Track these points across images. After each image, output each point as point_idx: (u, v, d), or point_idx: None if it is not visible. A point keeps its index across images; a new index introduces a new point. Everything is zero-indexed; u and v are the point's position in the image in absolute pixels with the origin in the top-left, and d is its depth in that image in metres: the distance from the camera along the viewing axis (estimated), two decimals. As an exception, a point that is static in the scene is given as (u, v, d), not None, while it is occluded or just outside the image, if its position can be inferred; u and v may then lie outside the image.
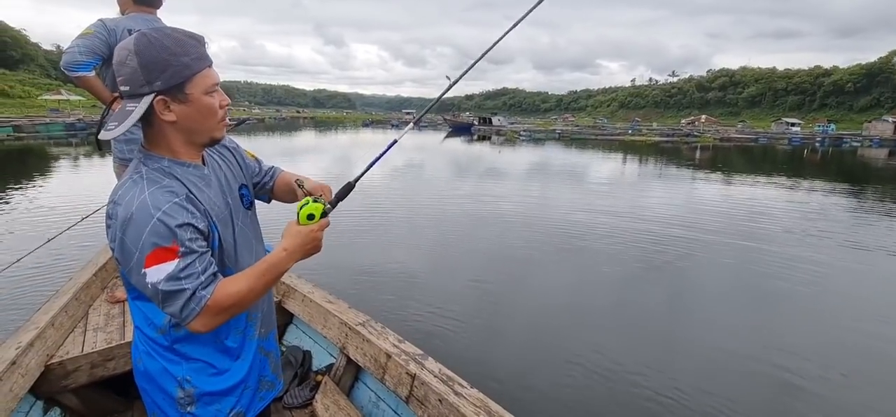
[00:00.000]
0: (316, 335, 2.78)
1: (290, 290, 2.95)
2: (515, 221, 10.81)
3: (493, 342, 5.02)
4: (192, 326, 1.06)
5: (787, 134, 62.76)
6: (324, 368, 2.62)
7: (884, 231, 11.45)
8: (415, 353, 2.12)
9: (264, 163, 1.52)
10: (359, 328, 2.36)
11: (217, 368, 1.24)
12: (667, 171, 24.21)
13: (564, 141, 48.84)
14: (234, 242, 1.25)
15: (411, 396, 1.93)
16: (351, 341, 2.38)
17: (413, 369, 1.98)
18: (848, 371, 4.77)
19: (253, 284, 1.12)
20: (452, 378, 1.92)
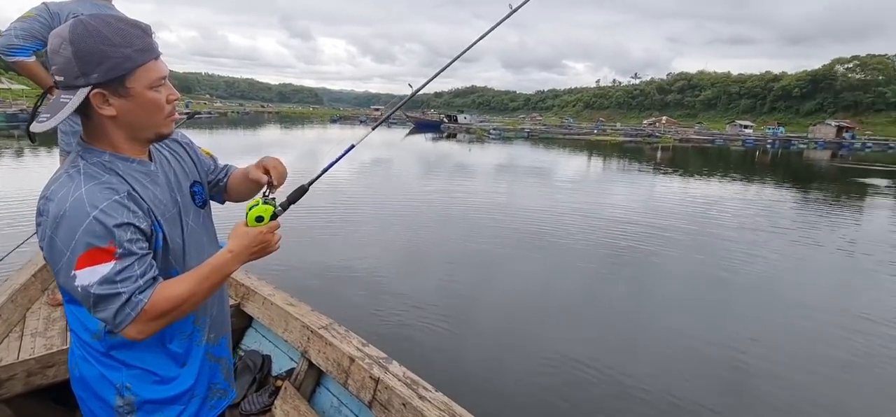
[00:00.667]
0: (276, 339, 2.67)
1: (250, 293, 2.83)
2: (485, 219, 10.86)
3: (461, 343, 4.98)
4: (127, 333, 0.99)
5: (741, 136, 66.06)
6: (284, 373, 2.52)
7: (826, 227, 12.19)
8: (379, 357, 2.07)
9: (220, 162, 1.45)
10: (321, 331, 2.28)
11: (160, 375, 1.16)
12: (631, 170, 24.99)
13: (533, 140, 49.60)
14: (183, 243, 1.17)
15: (374, 400, 1.89)
16: (313, 345, 2.30)
17: (377, 373, 1.93)
18: (794, 355, 5.03)
19: (195, 288, 1.05)
20: (417, 381, 1.89)
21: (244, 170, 1.37)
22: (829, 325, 5.91)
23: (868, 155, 45.34)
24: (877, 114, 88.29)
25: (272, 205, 1.15)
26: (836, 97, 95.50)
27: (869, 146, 56.41)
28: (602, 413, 3.94)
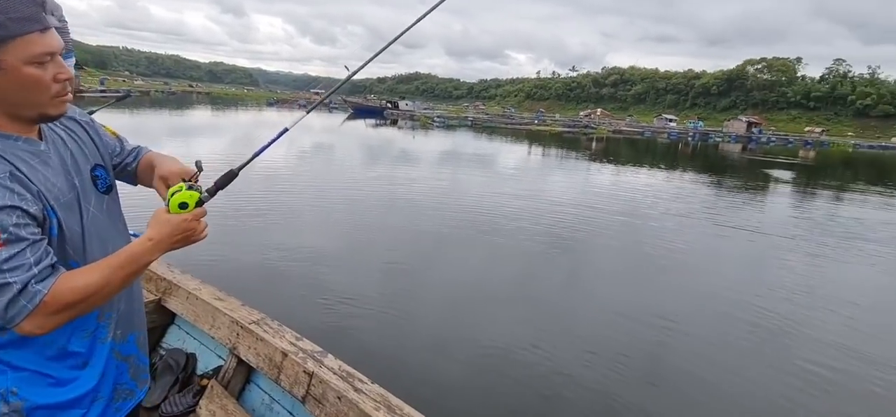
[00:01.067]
0: (202, 335, 2.50)
1: (173, 287, 2.62)
2: (429, 206, 10.87)
3: (402, 332, 4.95)
4: (23, 327, 0.88)
5: (667, 129, 71.10)
6: (210, 371, 2.37)
7: (737, 212, 13.46)
8: (313, 350, 2.00)
9: (128, 143, 1.31)
10: (252, 326, 2.16)
11: (55, 377, 1.04)
12: (569, 159, 26.07)
13: (476, 128, 50.25)
14: (82, 231, 1.04)
15: (308, 395, 1.82)
16: (242, 341, 2.17)
17: (311, 367, 1.86)
18: (711, 327, 5.52)
19: (108, 277, 0.95)
20: (353, 374, 1.84)
21: (155, 164, 1.24)
22: (739, 299, 6.52)
23: (772, 148, 50.49)
24: (780, 112, 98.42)
25: (198, 191, 1.07)
26: (747, 95, 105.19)
27: (773, 140, 62.91)
28: (540, 391, 4.10)
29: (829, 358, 4.95)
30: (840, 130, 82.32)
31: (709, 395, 4.29)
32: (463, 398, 3.93)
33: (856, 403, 4.29)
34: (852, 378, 4.66)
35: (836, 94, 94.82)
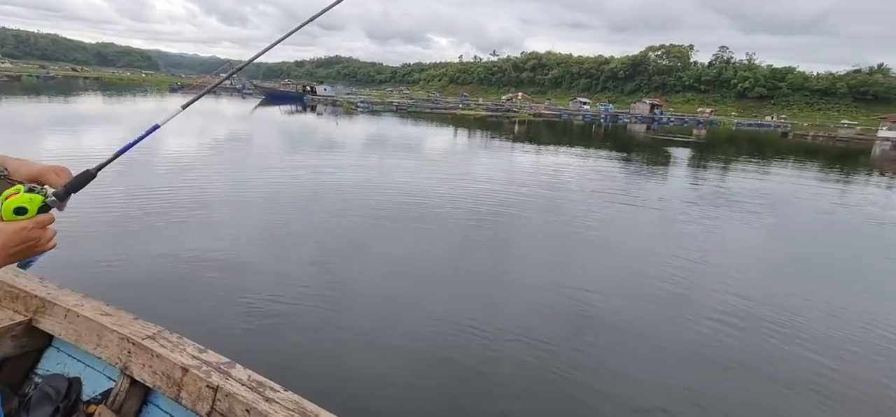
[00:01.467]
0: (87, 357, 2.19)
1: (47, 305, 2.25)
2: (354, 194, 10.56)
3: (326, 331, 4.73)
4: None
5: (581, 111, 75.47)
6: (98, 396, 2.08)
7: (644, 185, 14.70)
8: (219, 362, 1.82)
9: None
10: (147, 342, 1.92)
11: None
12: (493, 142, 26.73)
13: (401, 113, 49.72)
14: None
15: (213, 411, 1.67)
16: (135, 359, 1.93)
17: (216, 380, 1.70)
18: (625, 292, 5.97)
19: None
20: (263, 383, 1.71)
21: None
22: (648, 265, 7.14)
23: (671, 128, 55.69)
24: (677, 95, 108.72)
25: (42, 194, 0.91)
26: (649, 79, 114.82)
27: (672, 120, 69.43)
28: (474, 374, 4.16)
29: (724, 311, 5.57)
30: (725, 110, 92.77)
31: (627, 355, 4.62)
32: (395, 391, 3.87)
33: (747, 342, 4.87)
34: (742, 321, 5.30)
35: (721, 78, 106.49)
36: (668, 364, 4.52)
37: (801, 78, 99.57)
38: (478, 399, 3.82)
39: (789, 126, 68.61)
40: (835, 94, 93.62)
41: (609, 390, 4.02)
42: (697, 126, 62.05)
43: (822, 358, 4.70)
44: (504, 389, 3.98)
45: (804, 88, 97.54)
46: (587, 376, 4.21)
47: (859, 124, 71.73)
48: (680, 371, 4.45)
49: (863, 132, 59.85)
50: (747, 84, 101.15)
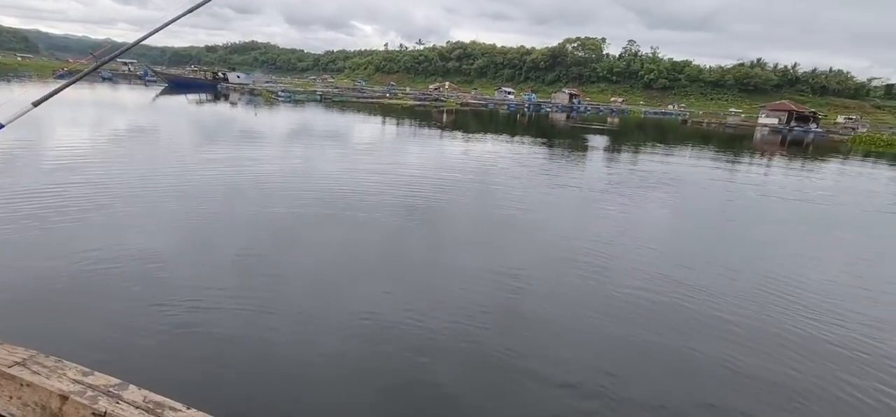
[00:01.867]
0: None
1: None
2: (279, 188, 10.06)
3: (248, 336, 4.42)
4: None
5: (506, 100, 77.80)
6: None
7: (568, 170, 15.60)
8: (109, 385, 1.66)
9: None
10: (14, 369, 1.67)
11: None
12: (422, 131, 26.73)
13: (326, 102, 47.99)
14: None
15: None
16: (1, 391, 1.69)
17: (103, 406, 1.55)
18: (554, 272, 6.32)
19: None
20: (162, 403, 1.58)
21: None
22: (572, 244, 7.63)
23: (588, 116, 59.32)
24: (592, 85, 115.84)
25: None
26: (567, 70, 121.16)
27: (589, 109, 73.96)
28: (411, 363, 4.18)
29: (640, 280, 6.12)
30: (634, 100, 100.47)
31: (556, 331, 4.92)
32: (326, 395, 3.77)
33: (663, 308, 5.39)
34: (657, 288, 5.85)
35: (630, 70, 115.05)
36: (594, 336, 4.89)
37: (696, 70, 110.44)
38: (417, 391, 3.85)
39: (688, 114, 76.02)
40: (724, 85, 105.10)
41: (541, 367, 4.25)
42: (611, 114, 66.66)
43: (728, 315, 5.36)
44: (442, 377, 4.04)
45: (699, 80, 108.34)
46: (521, 354, 4.41)
47: (743, 112, 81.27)
48: (604, 341, 4.83)
49: (746, 119, 67.95)
50: (652, 75, 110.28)
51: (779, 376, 4.30)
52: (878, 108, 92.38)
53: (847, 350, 4.81)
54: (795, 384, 4.19)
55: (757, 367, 4.40)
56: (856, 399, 4.03)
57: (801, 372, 4.37)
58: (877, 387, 4.20)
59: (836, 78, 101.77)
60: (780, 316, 5.45)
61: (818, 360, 4.60)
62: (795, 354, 4.65)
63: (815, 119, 60.78)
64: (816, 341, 4.97)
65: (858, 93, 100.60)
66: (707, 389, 4.12)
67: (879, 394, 4.11)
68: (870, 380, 4.30)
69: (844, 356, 4.70)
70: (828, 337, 5.05)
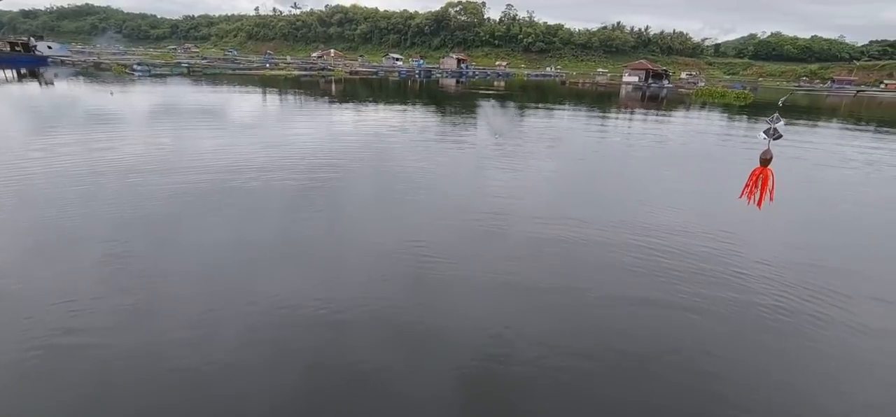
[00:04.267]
0: None
1: None
2: (149, 178, 8.74)
3: (126, 355, 3.93)
4: None
5: (396, 67, 76.55)
6: None
7: (464, 132, 15.94)
8: None
9: None
10: None
11: None
12: (310, 104, 25.12)
13: (195, 76, 42.55)
14: None
15: None
16: None
17: None
18: (455, 229, 6.49)
19: None
20: None
21: None
22: (471, 203, 7.87)
23: (476, 81, 61.02)
24: (477, 49, 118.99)
25: None
26: (452, 34, 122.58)
27: (477, 74, 76.00)
28: (319, 354, 4.01)
29: (534, 232, 6.57)
30: (516, 63, 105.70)
31: (458, 292, 5.10)
32: (230, 392, 3.48)
33: (559, 255, 5.87)
34: (552, 237, 6.34)
35: (510, 34, 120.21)
36: (496, 290, 5.18)
37: (567, 34, 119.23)
38: (330, 371, 3.77)
39: (565, 75, 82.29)
40: (591, 47, 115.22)
41: (450, 326, 4.44)
42: (498, 78, 69.42)
43: (610, 249, 6.01)
44: (355, 353, 4.00)
45: (571, 43, 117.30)
46: (430, 318, 4.56)
47: (609, 72, 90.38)
48: (506, 292, 5.15)
49: (612, 78, 75.66)
50: (530, 39, 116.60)
51: (651, 275, 4.97)
52: (709, 64, 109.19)
53: (679, 234, 5.74)
54: (662, 270, 4.90)
55: (635, 285, 5.04)
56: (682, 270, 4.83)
57: (665, 267, 5.11)
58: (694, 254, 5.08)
59: (679, 39, 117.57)
60: (645, 236, 6.31)
61: (671, 256, 5.42)
62: (656, 253, 5.42)
63: (666, 76, 69.87)
64: (666, 240, 5.84)
65: (695, 51, 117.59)
66: (592, 316, 4.69)
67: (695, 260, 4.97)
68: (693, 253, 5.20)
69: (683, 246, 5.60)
70: (673, 238, 5.96)
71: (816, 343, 4.45)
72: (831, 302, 5.11)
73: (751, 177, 2.02)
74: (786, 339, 4.49)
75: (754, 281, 5.53)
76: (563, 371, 3.88)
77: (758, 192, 2.00)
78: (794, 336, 4.55)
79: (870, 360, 4.24)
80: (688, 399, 3.67)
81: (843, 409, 3.66)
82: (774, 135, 1.99)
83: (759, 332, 4.59)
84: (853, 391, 3.86)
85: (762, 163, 2.05)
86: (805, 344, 4.43)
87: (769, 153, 2.02)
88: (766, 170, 2.05)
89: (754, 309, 4.97)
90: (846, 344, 4.44)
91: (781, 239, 7.16)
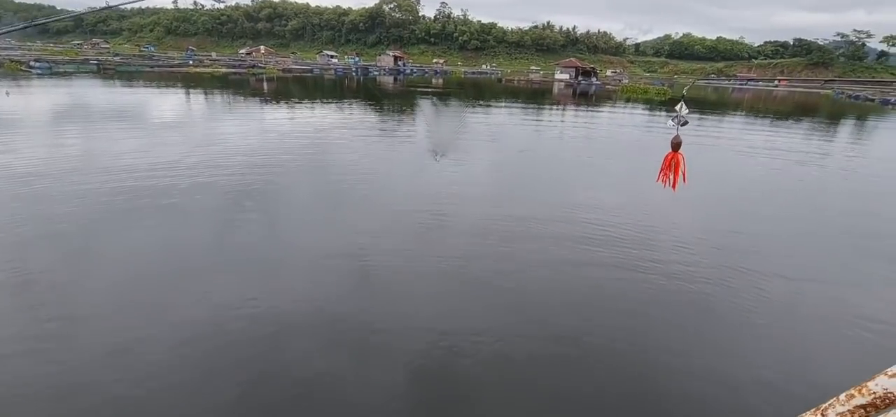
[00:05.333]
0: None
1: None
2: (55, 189, 7.93)
3: (38, 395, 3.65)
4: None
5: (331, 65, 74.45)
6: None
7: (403, 130, 15.94)
8: None
9: None
10: None
11: None
12: (241, 103, 23.84)
13: (106, 74, 38.82)
14: None
15: None
16: None
17: None
18: (398, 234, 6.59)
19: None
20: None
21: None
22: (411, 201, 8.01)
23: (414, 79, 60.96)
24: (413, 47, 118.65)
25: None
26: (388, 32, 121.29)
27: (415, 72, 75.92)
28: (257, 354, 3.93)
29: (473, 225, 6.79)
30: (453, 60, 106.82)
31: (401, 282, 5.22)
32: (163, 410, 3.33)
33: (500, 247, 6.11)
34: (492, 227, 6.59)
35: (446, 32, 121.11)
36: (434, 281, 5.38)
37: (501, 32, 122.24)
38: (270, 387, 3.68)
39: (501, 73, 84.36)
40: (524, 46, 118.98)
41: (389, 319, 4.56)
42: (435, 75, 69.80)
43: (546, 235, 6.34)
44: (296, 364, 3.94)
45: (504, 41, 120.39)
46: (371, 314, 4.62)
47: (541, 69, 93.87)
48: (446, 290, 5.32)
49: (545, 75, 78.67)
50: (465, 37, 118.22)
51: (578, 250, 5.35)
52: (631, 63, 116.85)
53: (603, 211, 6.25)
54: (591, 241, 5.30)
55: (571, 271, 5.40)
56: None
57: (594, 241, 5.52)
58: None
59: (603, 38, 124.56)
60: (578, 222, 6.73)
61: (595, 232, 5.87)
62: (580, 227, 5.84)
63: (595, 73, 73.81)
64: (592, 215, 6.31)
65: (618, 50, 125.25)
66: (532, 303, 4.98)
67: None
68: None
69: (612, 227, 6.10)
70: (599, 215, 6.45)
71: (720, 312, 5.00)
72: (735, 277, 5.75)
73: (664, 162, 2.18)
74: (699, 310, 5.00)
75: (670, 254, 6.13)
76: (508, 357, 4.09)
77: (672, 176, 2.16)
78: (704, 305, 5.08)
79: (767, 326, 4.82)
80: (619, 363, 4.00)
81: (743, 365, 4.14)
82: (681, 121, 2.16)
83: (675, 305, 5.07)
84: (752, 353, 4.38)
85: (673, 148, 2.18)
86: (712, 313, 4.97)
87: (679, 138, 2.17)
88: (677, 154, 2.19)
89: (673, 282, 5.49)
90: (747, 312, 5.03)
91: (696, 219, 7.93)
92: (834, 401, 0.64)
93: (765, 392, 3.79)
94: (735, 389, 3.81)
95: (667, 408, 3.63)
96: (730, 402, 3.68)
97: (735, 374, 4.00)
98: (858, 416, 0.62)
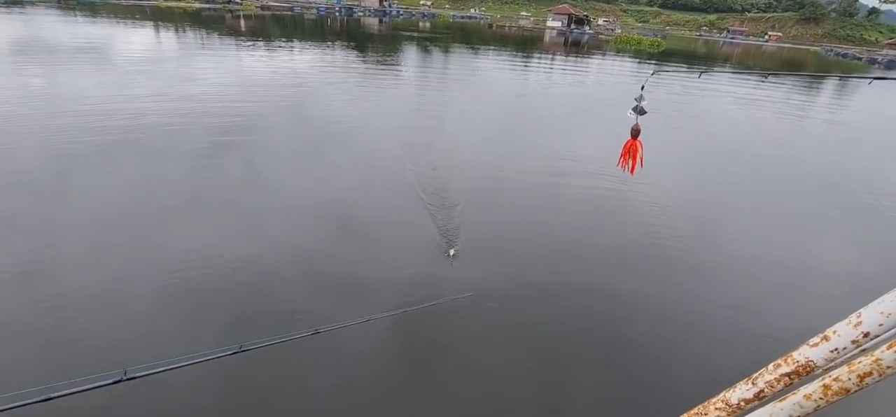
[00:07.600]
0: None
1: None
2: (18, 129, 7.36)
3: (19, 339, 3.41)
4: None
5: (314, 4, 70.69)
6: None
7: (383, 73, 15.30)
8: None
9: None
10: None
11: None
12: (216, 43, 22.50)
13: (66, 6, 36.17)
14: None
15: None
16: None
17: None
18: (382, 184, 6.33)
19: None
20: None
21: None
22: (394, 149, 7.64)
23: (401, 22, 58.55)
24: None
25: None
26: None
27: (402, 14, 72.69)
28: (241, 295, 3.74)
29: (464, 173, 6.55)
30: (441, 3, 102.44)
31: (383, 232, 5.02)
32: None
33: (480, 195, 5.91)
34: (479, 183, 6.37)
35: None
36: (417, 230, 5.21)
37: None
38: (259, 316, 3.63)
39: (490, 18, 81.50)
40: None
41: (372, 266, 4.43)
42: (423, 18, 67.11)
43: (528, 187, 6.16)
44: (281, 296, 3.88)
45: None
46: (353, 261, 4.51)
47: (532, 15, 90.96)
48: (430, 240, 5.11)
49: (536, 21, 76.37)
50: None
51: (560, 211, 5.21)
52: (624, 12, 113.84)
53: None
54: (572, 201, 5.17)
55: (556, 225, 5.25)
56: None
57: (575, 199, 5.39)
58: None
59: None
60: (562, 171, 6.56)
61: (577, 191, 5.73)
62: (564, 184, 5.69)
63: (588, 22, 71.81)
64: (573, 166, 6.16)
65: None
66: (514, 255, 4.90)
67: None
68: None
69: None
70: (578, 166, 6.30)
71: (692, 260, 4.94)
72: (709, 240, 5.68)
73: (624, 148, 2.34)
74: (677, 267, 4.93)
75: (648, 217, 6.02)
76: (490, 302, 4.04)
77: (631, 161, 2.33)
78: (678, 265, 5.02)
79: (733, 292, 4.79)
80: (590, 320, 3.94)
81: (709, 327, 4.12)
82: (641, 112, 2.29)
83: (650, 266, 4.99)
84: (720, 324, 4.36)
85: (632, 136, 2.32)
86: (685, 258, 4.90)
87: (638, 126, 2.32)
88: (635, 141, 2.34)
89: (650, 247, 5.40)
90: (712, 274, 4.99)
91: (673, 181, 7.80)
92: (763, 371, 0.70)
93: (722, 333, 3.77)
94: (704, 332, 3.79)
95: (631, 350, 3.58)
96: (696, 341, 3.66)
97: (699, 321, 3.98)
98: (784, 384, 0.68)
